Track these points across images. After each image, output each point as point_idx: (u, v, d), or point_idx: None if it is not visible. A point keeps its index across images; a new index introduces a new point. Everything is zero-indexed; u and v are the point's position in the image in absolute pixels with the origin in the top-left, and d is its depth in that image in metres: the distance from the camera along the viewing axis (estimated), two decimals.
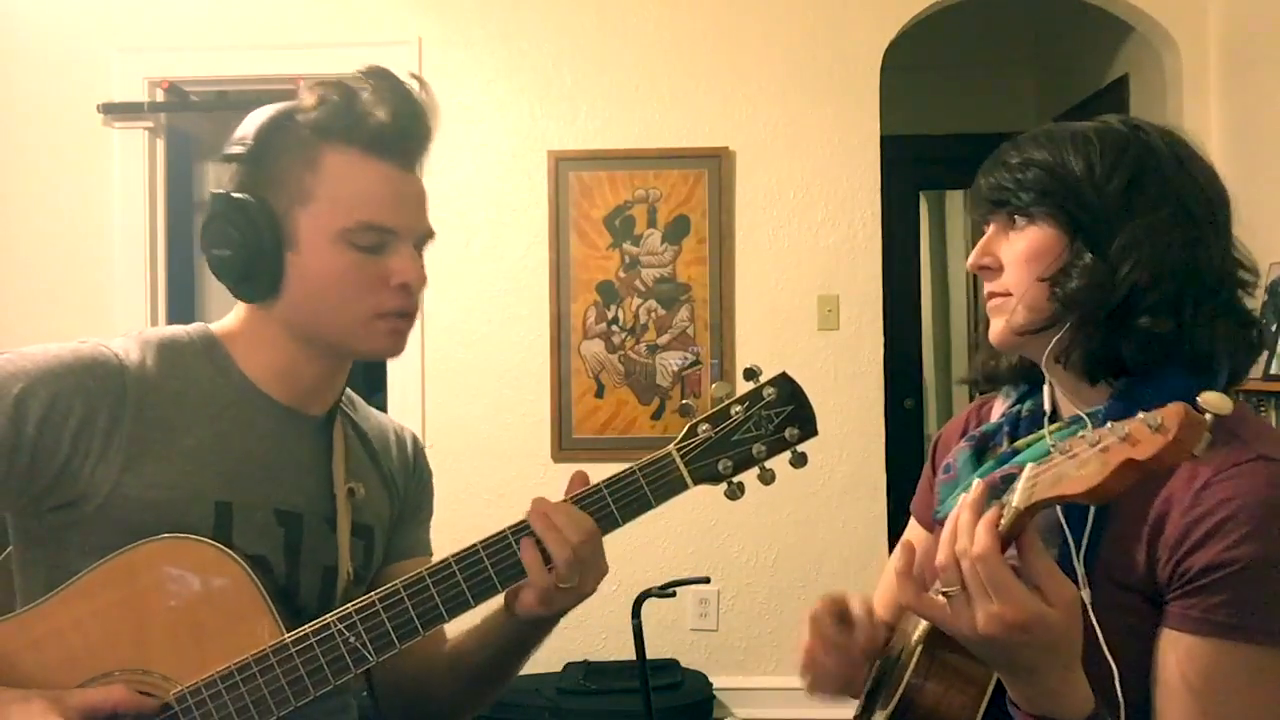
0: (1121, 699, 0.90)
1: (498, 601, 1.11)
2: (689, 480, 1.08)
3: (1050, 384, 1.07)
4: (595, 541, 1.06)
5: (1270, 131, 2.95)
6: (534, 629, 1.14)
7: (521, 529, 1.06)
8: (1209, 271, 0.98)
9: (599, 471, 1.10)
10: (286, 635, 1.03)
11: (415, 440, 1.35)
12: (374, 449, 1.27)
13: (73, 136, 3.38)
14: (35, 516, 1.07)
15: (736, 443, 1.08)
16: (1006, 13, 4.30)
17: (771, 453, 1.08)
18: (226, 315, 1.19)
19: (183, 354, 1.13)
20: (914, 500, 1.27)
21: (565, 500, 1.08)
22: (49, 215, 3.39)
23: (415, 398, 3.31)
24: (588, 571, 1.07)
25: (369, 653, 1.03)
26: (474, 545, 1.05)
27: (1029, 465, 0.82)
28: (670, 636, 3.24)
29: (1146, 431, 0.71)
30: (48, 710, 0.95)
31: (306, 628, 1.03)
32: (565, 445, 3.30)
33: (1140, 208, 0.97)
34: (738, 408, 1.08)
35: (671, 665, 3.16)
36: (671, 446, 1.09)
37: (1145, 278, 0.96)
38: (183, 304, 3.65)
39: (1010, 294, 1.02)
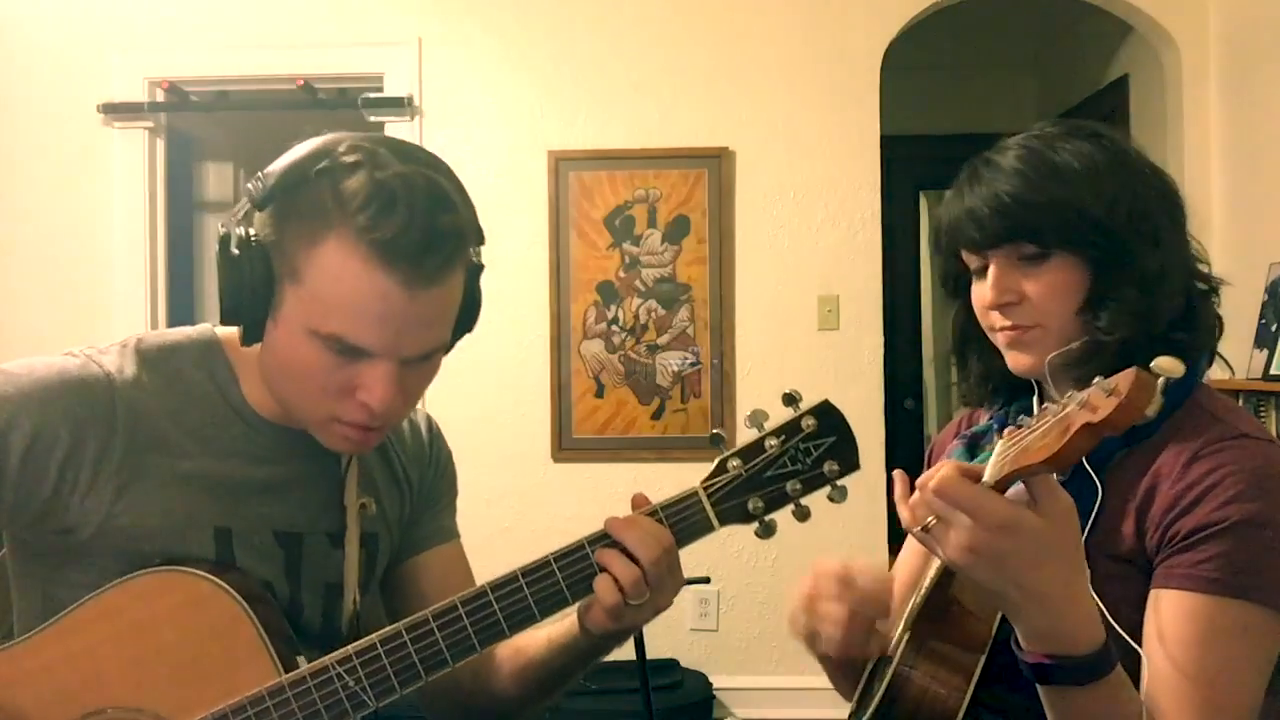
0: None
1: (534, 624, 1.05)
2: (715, 522, 1.01)
3: (1040, 388, 1.09)
4: (673, 557, 1.00)
5: (1270, 131, 2.95)
6: (607, 641, 1.08)
7: (532, 570, 0.99)
8: (1201, 274, 1.06)
9: (599, 472, 1.08)
10: (283, 676, 0.97)
11: (430, 424, 1.27)
12: (385, 445, 1.20)
13: (73, 136, 3.38)
14: (29, 536, 1.03)
15: (770, 479, 1.00)
16: (1006, 13, 4.30)
17: (808, 490, 1.01)
18: None
19: (181, 366, 1.06)
20: None
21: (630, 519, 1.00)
22: (49, 215, 3.39)
23: None
24: (663, 588, 1.00)
25: (368, 697, 0.97)
26: (482, 587, 0.99)
27: (999, 442, 0.84)
28: (670, 636, 3.23)
29: (1102, 396, 0.74)
30: None
31: (304, 669, 0.97)
32: (565, 445, 3.27)
33: (1153, 232, 1.02)
34: (773, 441, 1.01)
35: (671, 665, 3.16)
36: (698, 485, 1.01)
37: (1179, 301, 1.02)
38: (182, 304, 3.66)
39: (1038, 326, 1.03)
